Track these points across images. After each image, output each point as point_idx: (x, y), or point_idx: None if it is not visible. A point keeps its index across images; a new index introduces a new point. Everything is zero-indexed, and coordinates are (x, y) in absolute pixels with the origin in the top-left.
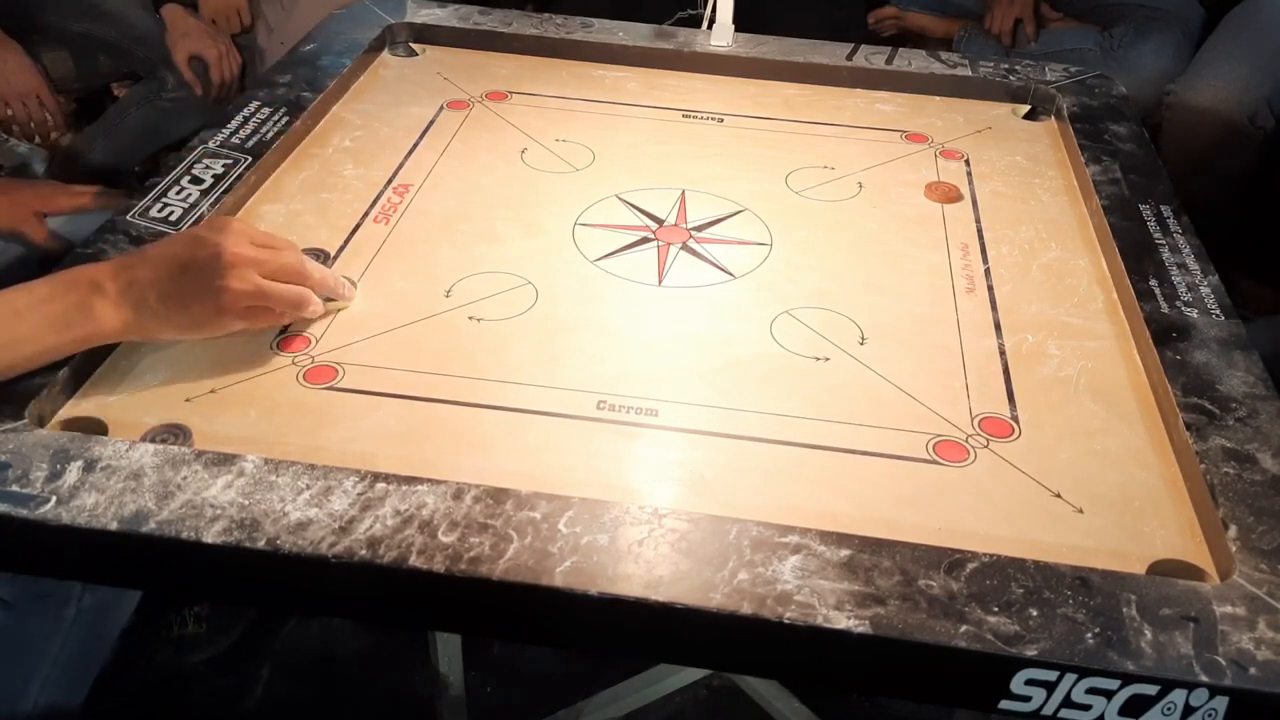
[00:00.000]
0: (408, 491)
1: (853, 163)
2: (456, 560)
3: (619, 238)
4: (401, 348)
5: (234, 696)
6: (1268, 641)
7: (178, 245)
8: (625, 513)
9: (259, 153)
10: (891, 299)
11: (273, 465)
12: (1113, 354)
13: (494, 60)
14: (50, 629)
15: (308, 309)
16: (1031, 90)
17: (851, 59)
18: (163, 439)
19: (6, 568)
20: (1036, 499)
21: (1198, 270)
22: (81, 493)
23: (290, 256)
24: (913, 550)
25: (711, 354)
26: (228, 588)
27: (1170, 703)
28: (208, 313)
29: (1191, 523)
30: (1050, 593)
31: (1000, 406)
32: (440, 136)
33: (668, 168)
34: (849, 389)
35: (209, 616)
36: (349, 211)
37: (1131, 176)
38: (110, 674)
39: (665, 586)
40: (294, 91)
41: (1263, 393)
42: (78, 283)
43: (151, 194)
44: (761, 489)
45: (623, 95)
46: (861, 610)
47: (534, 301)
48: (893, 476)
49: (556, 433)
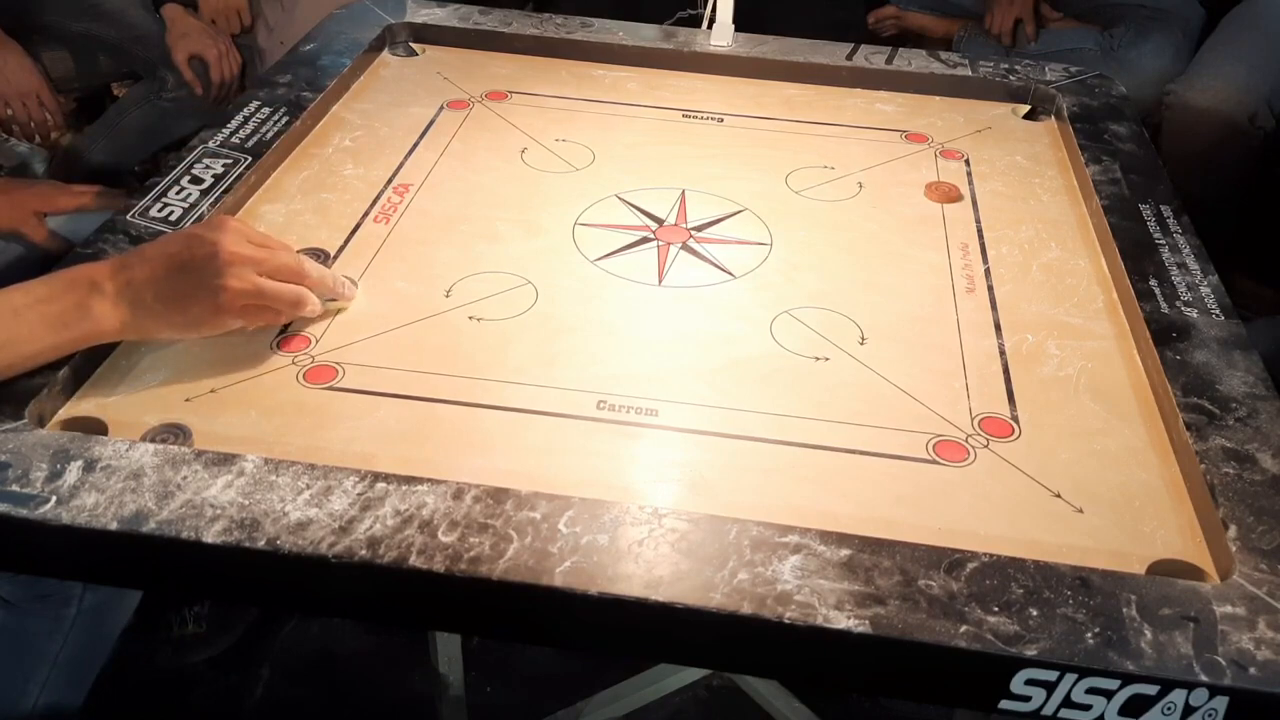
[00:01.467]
0: (408, 491)
1: (853, 163)
2: (456, 560)
3: (619, 238)
4: (401, 348)
5: (234, 696)
6: (1268, 641)
7: (175, 244)
8: (625, 513)
9: (259, 153)
10: (891, 299)
11: (273, 465)
12: (1113, 354)
13: (494, 60)
14: (51, 629)
15: (306, 308)
16: (1031, 90)
17: (851, 59)
18: (163, 439)
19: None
20: (1036, 499)
21: (1198, 270)
22: (81, 493)
23: (288, 256)
24: (913, 550)
25: (711, 354)
26: (228, 588)
27: (1170, 703)
28: (206, 311)
29: (1191, 523)
30: (1050, 593)
31: (1000, 406)
32: (440, 136)
33: (668, 168)
34: (849, 389)
35: (209, 616)
36: (349, 211)
37: (1131, 176)
38: (110, 674)
39: (665, 586)
40: (294, 91)
41: (1263, 393)
42: (76, 282)
43: (151, 194)
44: (761, 489)
45: (623, 95)
46: (861, 610)
47: (534, 301)
48: (893, 476)
49: (556, 433)
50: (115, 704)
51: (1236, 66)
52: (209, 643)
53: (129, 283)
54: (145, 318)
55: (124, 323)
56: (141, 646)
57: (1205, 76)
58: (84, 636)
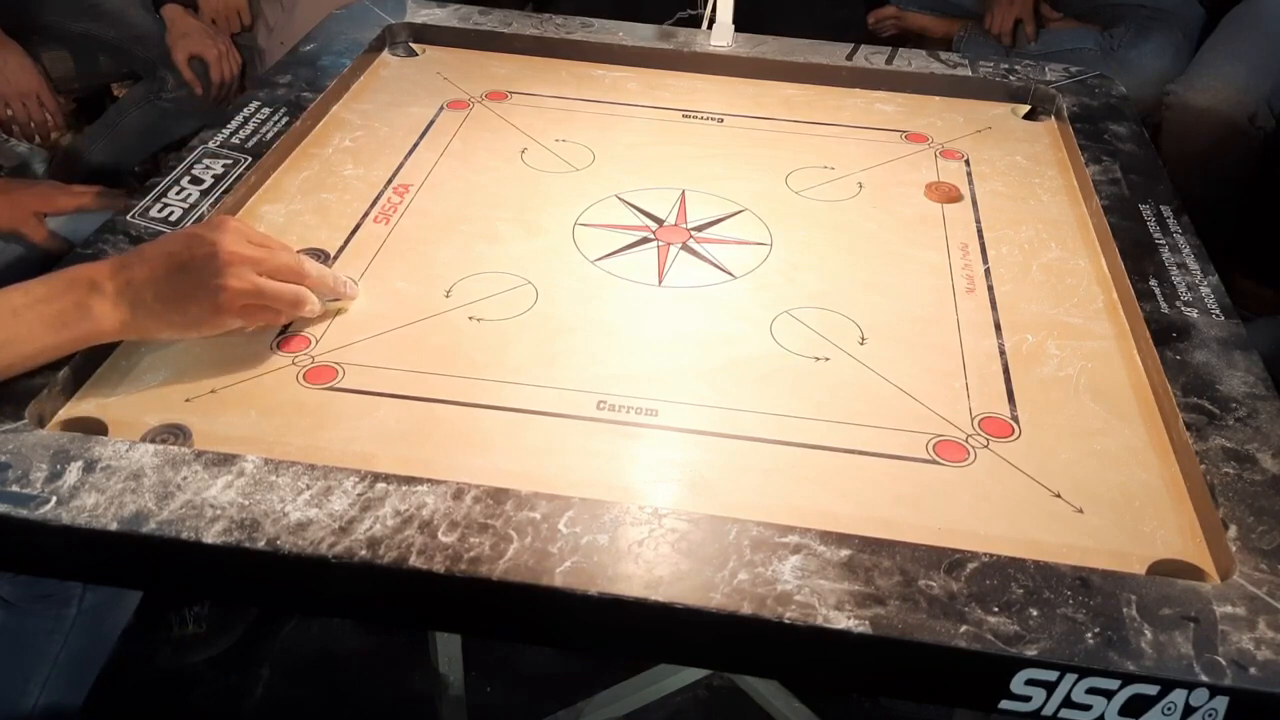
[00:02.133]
0: (408, 491)
1: (853, 163)
2: (456, 560)
3: (619, 238)
4: (401, 348)
5: (234, 696)
6: (1268, 641)
7: (175, 244)
8: (625, 513)
9: (259, 153)
10: (891, 299)
11: (273, 465)
12: (1113, 354)
13: (494, 60)
14: (52, 629)
15: (305, 308)
16: (1031, 90)
17: (851, 59)
18: (163, 439)
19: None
20: (1036, 499)
21: (1198, 270)
22: (81, 493)
23: (288, 256)
24: (913, 550)
25: (711, 354)
26: (228, 588)
27: (1170, 703)
28: (205, 311)
29: (1191, 523)
30: (1050, 593)
31: (1000, 406)
32: (440, 136)
33: (668, 168)
34: (849, 389)
35: (209, 616)
36: (349, 211)
37: (1131, 176)
38: (110, 674)
39: (665, 586)
40: (294, 91)
41: (1263, 393)
42: (75, 282)
43: (151, 194)
44: (761, 489)
45: (623, 95)
46: (861, 610)
47: (534, 301)
48: (893, 476)
49: (556, 433)
50: (115, 704)
51: (1236, 66)
52: (209, 643)
53: (129, 282)
54: (145, 317)
55: (123, 322)
56: (141, 646)
57: (1205, 76)
58: (84, 637)
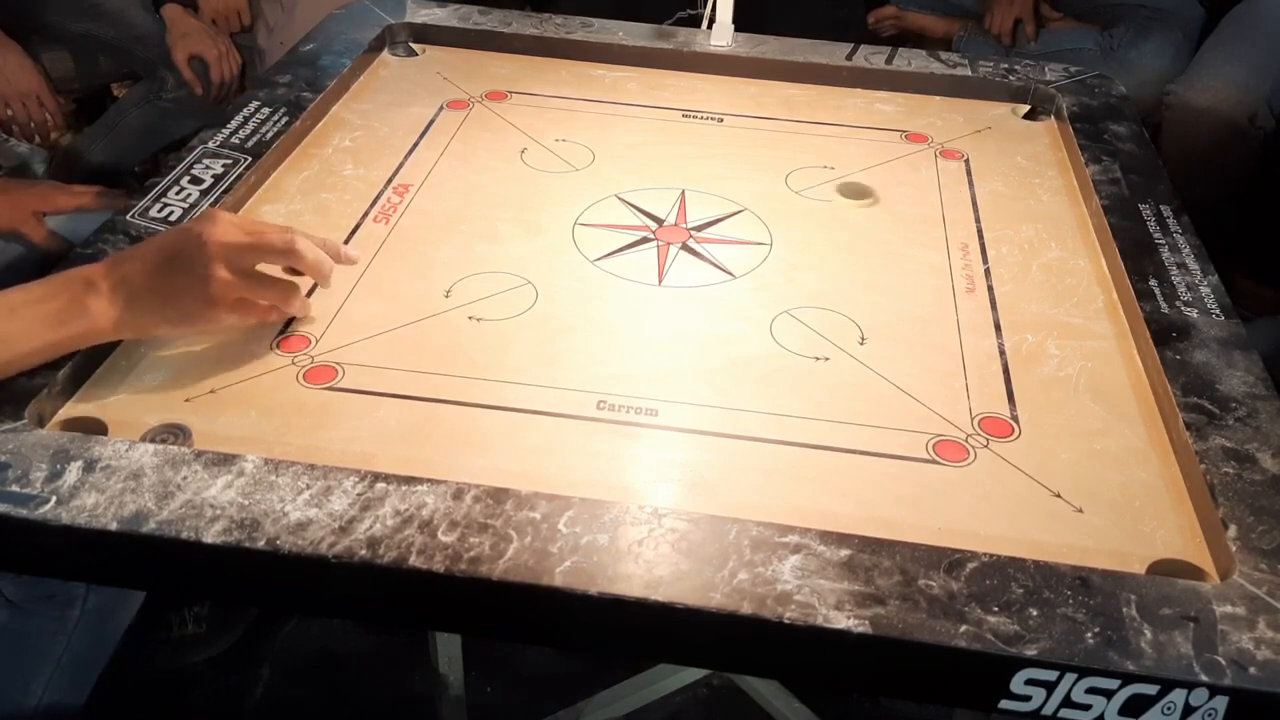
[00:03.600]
0: (408, 491)
1: (853, 163)
2: (456, 560)
3: (619, 238)
4: (401, 348)
5: (234, 696)
6: (1268, 641)
7: (166, 238)
8: (625, 513)
9: (259, 153)
10: (891, 299)
11: (273, 465)
12: (1113, 354)
13: (494, 60)
14: (55, 629)
15: (294, 304)
16: (1031, 90)
17: (851, 59)
18: (163, 439)
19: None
20: (1036, 499)
21: (1198, 270)
22: (81, 493)
23: (277, 236)
24: (913, 550)
25: (711, 354)
26: (228, 588)
27: (1170, 702)
28: (197, 303)
29: (1191, 523)
30: (1050, 593)
31: (1000, 406)
32: (440, 136)
33: (668, 168)
34: (849, 389)
35: (209, 616)
36: (349, 211)
37: (1131, 176)
38: (111, 674)
39: (665, 586)
40: (294, 91)
41: (1263, 393)
42: (72, 281)
43: (151, 194)
44: (761, 489)
45: (623, 95)
46: (861, 610)
47: (534, 301)
48: (892, 476)
49: (556, 433)
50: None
51: (1236, 66)
52: (209, 643)
53: (122, 278)
54: (140, 313)
55: (119, 318)
56: (142, 646)
57: (1205, 76)
58: (87, 638)
